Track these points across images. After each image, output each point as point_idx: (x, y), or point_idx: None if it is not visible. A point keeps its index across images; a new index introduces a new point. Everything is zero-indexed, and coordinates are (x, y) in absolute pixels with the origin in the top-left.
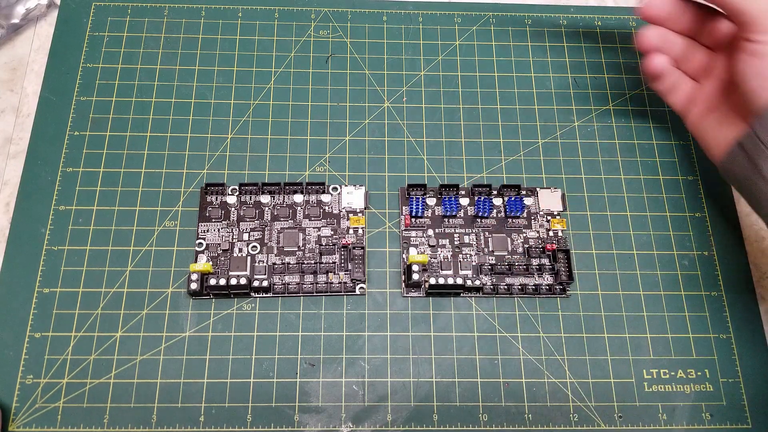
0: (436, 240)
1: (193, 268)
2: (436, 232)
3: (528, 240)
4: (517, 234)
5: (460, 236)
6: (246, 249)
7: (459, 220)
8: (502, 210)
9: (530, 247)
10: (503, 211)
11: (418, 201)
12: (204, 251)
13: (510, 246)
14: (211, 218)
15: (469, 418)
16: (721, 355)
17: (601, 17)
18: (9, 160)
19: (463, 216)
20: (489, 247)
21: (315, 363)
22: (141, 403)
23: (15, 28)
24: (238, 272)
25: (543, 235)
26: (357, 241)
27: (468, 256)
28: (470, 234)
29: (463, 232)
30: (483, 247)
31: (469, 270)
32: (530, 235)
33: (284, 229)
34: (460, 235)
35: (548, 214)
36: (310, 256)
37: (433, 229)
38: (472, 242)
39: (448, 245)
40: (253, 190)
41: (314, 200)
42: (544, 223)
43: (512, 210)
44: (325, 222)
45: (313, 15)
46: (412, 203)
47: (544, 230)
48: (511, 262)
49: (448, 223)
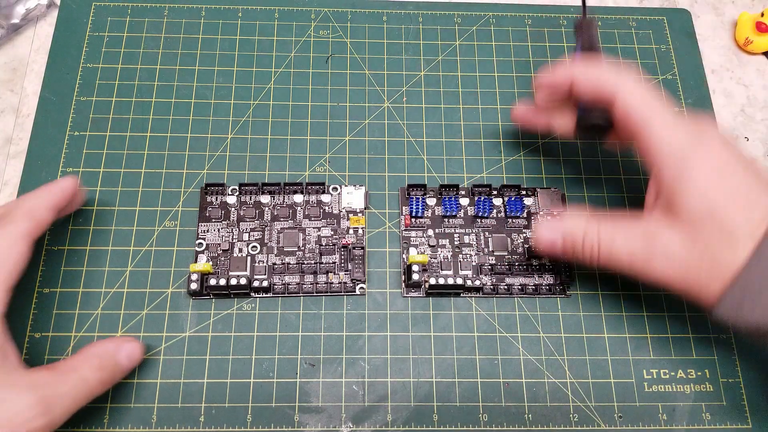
0: (436, 240)
1: (193, 268)
2: (436, 232)
3: (528, 240)
4: (517, 234)
5: (460, 236)
6: (246, 249)
7: (459, 220)
8: (502, 210)
9: (530, 247)
10: (503, 211)
11: (418, 201)
12: (204, 251)
13: (510, 246)
14: (211, 218)
15: (469, 418)
16: (721, 355)
17: (601, 17)
18: (9, 160)
19: (463, 216)
20: (489, 247)
21: (315, 363)
22: (141, 403)
23: (15, 28)
24: (238, 272)
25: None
26: (357, 241)
27: (468, 256)
28: (470, 234)
29: (463, 232)
30: (483, 247)
31: (469, 270)
32: (530, 235)
33: (284, 229)
34: (460, 235)
35: (548, 214)
36: (310, 257)
37: (433, 229)
38: (472, 242)
39: (448, 245)
40: (253, 190)
41: (314, 200)
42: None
43: (512, 210)
44: (325, 222)
45: (313, 15)
46: (412, 203)
47: None
48: (511, 262)
49: (448, 223)
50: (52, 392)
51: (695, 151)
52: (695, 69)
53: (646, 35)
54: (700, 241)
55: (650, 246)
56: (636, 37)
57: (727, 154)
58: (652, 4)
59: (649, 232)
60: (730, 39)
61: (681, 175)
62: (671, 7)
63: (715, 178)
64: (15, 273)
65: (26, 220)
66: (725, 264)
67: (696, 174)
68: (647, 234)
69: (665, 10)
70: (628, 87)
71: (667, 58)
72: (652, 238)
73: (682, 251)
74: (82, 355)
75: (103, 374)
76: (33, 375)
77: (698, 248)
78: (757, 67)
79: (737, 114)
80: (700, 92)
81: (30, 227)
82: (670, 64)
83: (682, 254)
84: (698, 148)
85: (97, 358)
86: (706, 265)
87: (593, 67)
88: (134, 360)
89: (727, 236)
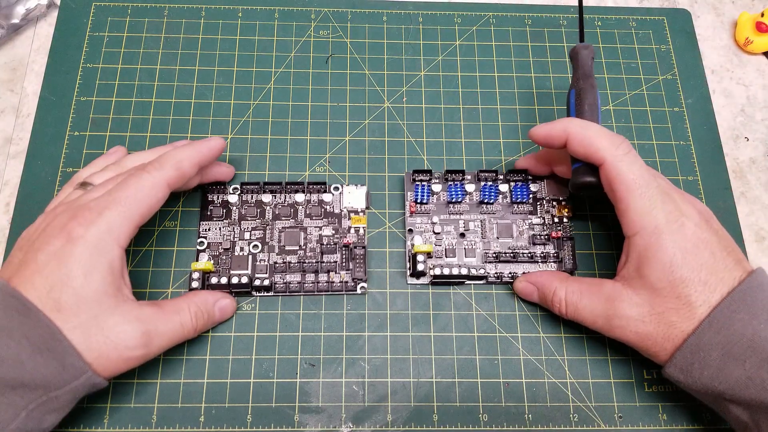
0: (441, 226)
1: (195, 267)
2: (441, 218)
3: (533, 226)
4: (523, 220)
5: (465, 222)
6: (247, 248)
7: (464, 206)
8: (508, 196)
9: (535, 234)
10: (509, 196)
11: (423, 187)
12: (205, 250)
13: (515, 232)
14: (213, 217)
15: (469, 418)
16: None
17: (601, 17)
18: (9, 160)
19: (468, 202)
20: (494, 234)
21: (315, 363)
22: (141, 403)
23: (15, 28)
24: (240, 271)
25: (548, 221)
26: (358, 241)
27: (473, 242)
28: (475, 220)
29: (469, 218)
30: (488, 233)
31: (473, 257)
32: (535, 222)
33: (285, 228)
34: (465, 221)
35: (554, 200)
36: (312, 255)
37: (439, 215)
38: (477, 228)
39: (453, 231)
40: (255, 189)
41: (316, 200)
42: (550, 209)
43: (518, 196)
44: (327, 221)
45: (313, 15)
46: (417, 189)
47: (550, 216)
48: (515, 250)
49: (454, 209)
50: (155, 328)
51: (669, 228)
52: (695, 69)
53: (646, 35)
54: (658, 309)
55: (612, 309)
56: (636, 37)
57: (699, 235)
58: (652, 4)
59: (612, 296)
60: (730, 39)
61: (651, 249)
62: (671, 7)
63: (681, 256)
64: (148, 214)
65: (173, 169)
66: (680, 329)
67: (665, 251)
68: (610, 298)
69: (665, 10)
70: (617, 155)
71: (667, 58)
72: (613, 302)
73: (641, 316)
74: (185, 301)
75: (198, 322)
76: (142, 309)
77: (656, 314)
78: (757, 67)
79: (737, 114)
80: (700, 92)
81: (174, 176)
82: (670, 64)
83: (640, 319)
84: (672, 226)
85: (196, 306)
86: (662, 329)
87: (587, 128)
88: (226, 315)
89: (684, 306)
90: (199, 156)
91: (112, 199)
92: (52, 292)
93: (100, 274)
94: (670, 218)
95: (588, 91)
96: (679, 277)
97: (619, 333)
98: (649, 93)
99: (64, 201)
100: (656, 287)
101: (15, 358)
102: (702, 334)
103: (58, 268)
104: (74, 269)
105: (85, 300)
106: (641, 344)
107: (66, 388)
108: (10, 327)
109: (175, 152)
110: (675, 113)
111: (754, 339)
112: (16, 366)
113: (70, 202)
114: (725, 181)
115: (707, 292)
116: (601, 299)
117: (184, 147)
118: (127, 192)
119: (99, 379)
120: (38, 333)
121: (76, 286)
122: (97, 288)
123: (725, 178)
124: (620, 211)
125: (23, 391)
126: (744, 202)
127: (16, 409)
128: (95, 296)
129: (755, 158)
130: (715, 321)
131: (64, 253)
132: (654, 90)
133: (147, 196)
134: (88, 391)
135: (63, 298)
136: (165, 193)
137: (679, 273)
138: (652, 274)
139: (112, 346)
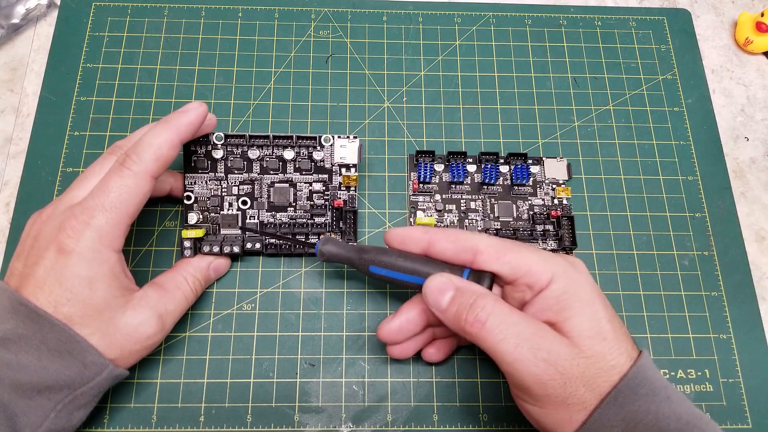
0: (443, 205)
1: (186, 235)
2: (443, 197)
3: (533, 207)
4: (523, 201)
5: (466, 202)
6: (236, 203)
7: (466, 187)
8: (508, 177)
9: (535, 213)
10: (509, 178)
11: (426, 167)
12: (193, 206)
13: (515, 212)
14: (198, 169)
15: (469, 418)
16: (721, 355)
17: (601, 17)
18: (9, 160)
19: (470, 183)
20: (495, 213)
21: (315, 363)
22: (141, 403)
23: (15, 28)
24: (230, 230)
25: (548, 202)
26: (349, 200)
27: (474, 221)
28: (476, 200)
29: (470, 198)
30: (489, 213)
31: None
32: (535, 203)
33: (274, 183)
34: (466, 201)
35: (553, 183)
36: (302, 214)
37: (441, 195)
38: (478, 208)
39: (454, 210)
40: (241, 143)
41: (305, 153)
42: (549, 191)
43: (518, 177)
44: (317, 176)
45: (313, 15)
46: (420, 169)
47: (549, 198)
48: (516, 227)
49: (455, 189)
50: (164, 309)
51: (577, 272)
52: (695, 69)
53: (646, 35)
54: (584, 357)
55: (539, 342)
56: (636, 37)
57: (595, 288)
58: (652, 4)
59: (540, 331)
60: (730, 39)
61: (571, 291)
62: (671, 7)
63: (603, 306)
64: (136, 212)
65: (153, 161)
66: (602, 381)
67: (584, 297)
68: (540, 331)
69: (665, 10)
70: (484, 239)
71: (667, 58)
72: (542, 337)
73: (566, 359)
74: (180, 273)
75: (198, 288)
76: (148, 296)
77: (581, 361)
78: (757, 67)
79: (737, 114)
80: (700, 92)
81: (156, 168)
82: (670, 64)
83: (565, 361)
84: (578, 270)
85: (192, 276)
86: (589, 373)
87: (448, 231)
88: (221, 273)
89: (606, 364)
90: (178, 136)
91: (96, 204)
92: (60, 307)
93: (103, 282)
94: (570, 264)
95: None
96: (605, 330)
97: (534, 370)
98: (649, 93)
99: (52, 203)
100: (585, 336)
101: (36, 363)
102: (606, 409)
103: (59, 283)
104: (76, 284)
105: (95, 309)
106: (551, 390)
107: (90, 384)
108: (26, 335)
109: (152, 137)
110: (675, 113)
111: (658, 416)
112: (39, 371)
113: (55, 205)
114: (725, 181)
115: (621, 353)
116: (531, 328)
117: (161, 129)
118: (110, 196)
119: (120, 370)
120: (54, 337)
121: (83, 299)
122: (104, 295)
123: (725, 178)
124: (521, 273)
125: (49, 393)
126: (744, 202)
127: (45, 411)
128: (104, 302)
129: (755, 158)
130: (620, 395)
131: (59, 267)
132: (654, 90)
133: (132, 195)
134: (112, 384)
135: (72, 311)
136: (150, 186)
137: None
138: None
139: (132, 340)
